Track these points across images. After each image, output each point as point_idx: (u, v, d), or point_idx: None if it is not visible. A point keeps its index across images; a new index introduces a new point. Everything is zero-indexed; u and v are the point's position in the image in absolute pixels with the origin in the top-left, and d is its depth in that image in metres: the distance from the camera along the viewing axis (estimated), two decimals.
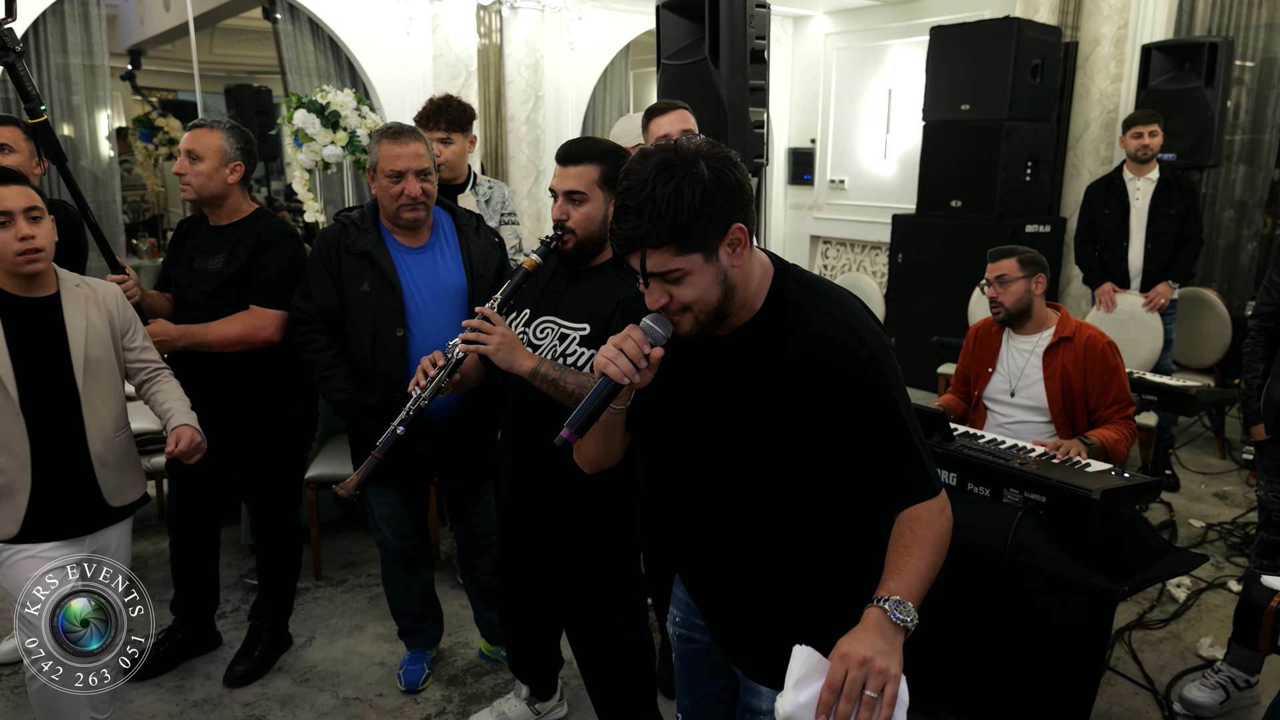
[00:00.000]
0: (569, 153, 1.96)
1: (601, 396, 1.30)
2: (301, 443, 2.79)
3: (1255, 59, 5.39)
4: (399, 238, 2.46)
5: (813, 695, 1.18)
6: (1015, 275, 2.84)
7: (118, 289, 2.25)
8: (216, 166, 2.50)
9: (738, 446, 1.39)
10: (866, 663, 1.15)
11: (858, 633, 1.21)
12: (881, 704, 1.14)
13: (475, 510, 2.68)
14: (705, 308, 1.28)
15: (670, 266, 1.24)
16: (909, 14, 6.68)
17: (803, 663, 1.23)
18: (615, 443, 1.50)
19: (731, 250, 1.27)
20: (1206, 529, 3.91)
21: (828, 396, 1.31)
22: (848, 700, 1.14)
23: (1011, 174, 5.16)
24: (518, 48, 6.09)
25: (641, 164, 1.23)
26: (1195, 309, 4.84)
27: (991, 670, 2.33)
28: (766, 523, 1.42)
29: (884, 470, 1.34)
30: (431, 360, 2.03)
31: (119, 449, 2.19)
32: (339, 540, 3.77)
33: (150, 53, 9.49)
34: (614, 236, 1.26)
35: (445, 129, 3.03)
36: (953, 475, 2.50)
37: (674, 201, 1.20)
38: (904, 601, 1.23)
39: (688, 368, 1.41)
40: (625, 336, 1.29)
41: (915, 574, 1.27)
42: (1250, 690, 2.65)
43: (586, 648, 2.23)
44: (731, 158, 1.27)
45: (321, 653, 2.95)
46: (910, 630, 1.23)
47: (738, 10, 3.44)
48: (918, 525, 1.32)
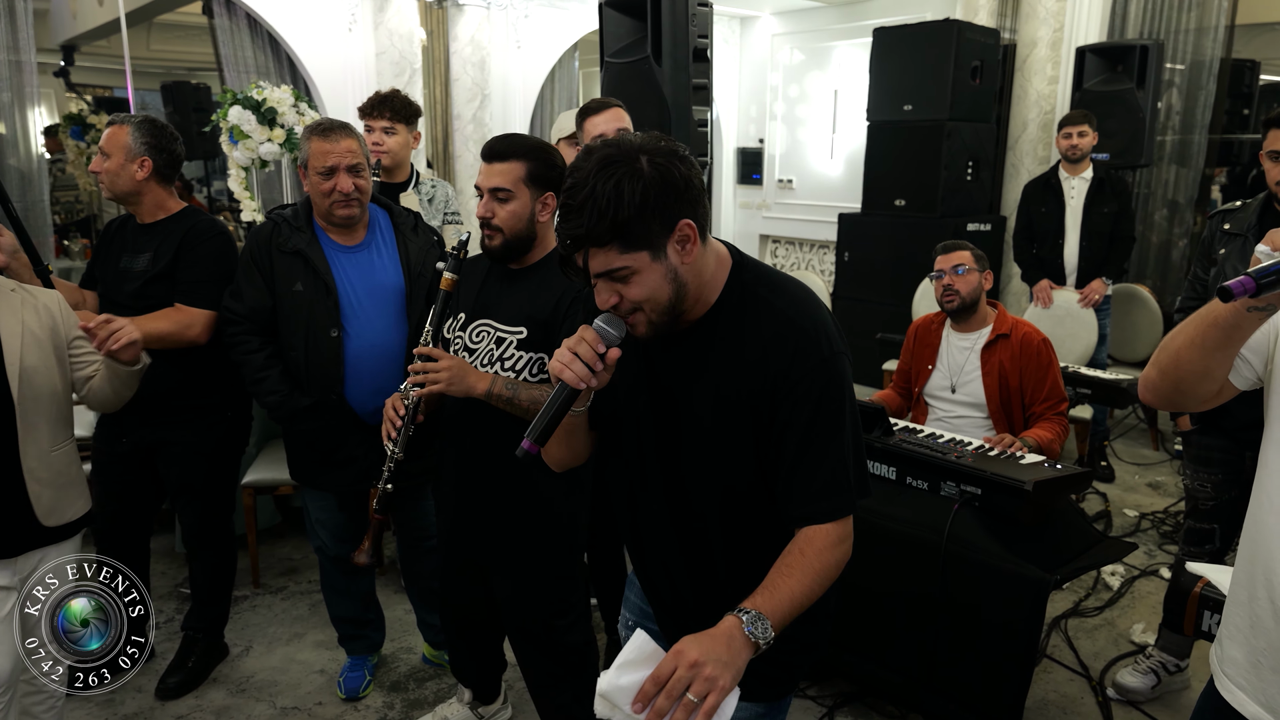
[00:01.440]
0: (494, 149, 1.94)
1: (560, 403, 1.27)
2: (233, 448, 2.71)
3: (1185, 61, 5.55)
4: (334, 236, 2.41)
5: (635, 681, 1.16)
6: (971, 265, 2.89)
7: (59, 295, 2.10)
8: (123, 163, 2.42)
9: (693, 442, 1.37)
10: (697, 666, 1.13)
11: (704, 636, 1.17)
12: (699, 711, 1.11)
13: (416, 513, 2.64)
14: (656, 307, 1.26)
15: (615, 265, 1.22)
16: (853, 15, 6.77)
17: (637, 648, 1.22)
18: (580, 443, 1.48)
19: (680, 247, 1.24)
20: (1140, 518, 4.02)
21: (773, 395, 1.29)
22: (668, 697, 1.12)
23: (953, 173, 5.25)
24: (463, 45, 6.02)
25: (584, 161, 1.22)
26: (1129, 304, 4.97)
27: (930, 661, 2.36)
28: (720, 521, 1.40)
29: (809, 479, 1.31)
30: (393, 406, 2.05)
31: (56, 464, 2.03)
32: (279, 547, 3.68)
33: (84, 49, 9.20)
34: (559, 235, 1.24)
35: (389, 118, 3.00)
36: (892, 469, 2.53)
37: (614, 199, 1.18)
38: (764, 619, 1.20)
39: (646, 363, 1.39)
40: (579, 339, 1.25)
41: (787, 597, 1.24)
42: (1181, 674, 2.73)
43: (529, 649, 2.21)
44: (678, 152, 1.25)
45: (259, 662, 2.88)
46: (761, 649, 1.19)
47: (679, 9, 3.44)
48: (809, 550, 1.29)
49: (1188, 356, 1.25)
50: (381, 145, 2.99)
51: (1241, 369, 1.28)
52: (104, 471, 2.63)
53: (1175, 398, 1.33)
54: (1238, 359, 1.27)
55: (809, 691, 2.68)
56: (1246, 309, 1.15)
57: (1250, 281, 1.05)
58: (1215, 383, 1.27)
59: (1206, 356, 1.23)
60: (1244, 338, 1.21)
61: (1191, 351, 1.24)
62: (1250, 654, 1.29)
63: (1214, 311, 1.20)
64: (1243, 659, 1.31)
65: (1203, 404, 1.32)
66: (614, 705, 1.19)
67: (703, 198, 1.27)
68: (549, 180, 1.97)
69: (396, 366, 2.43)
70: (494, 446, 2.03)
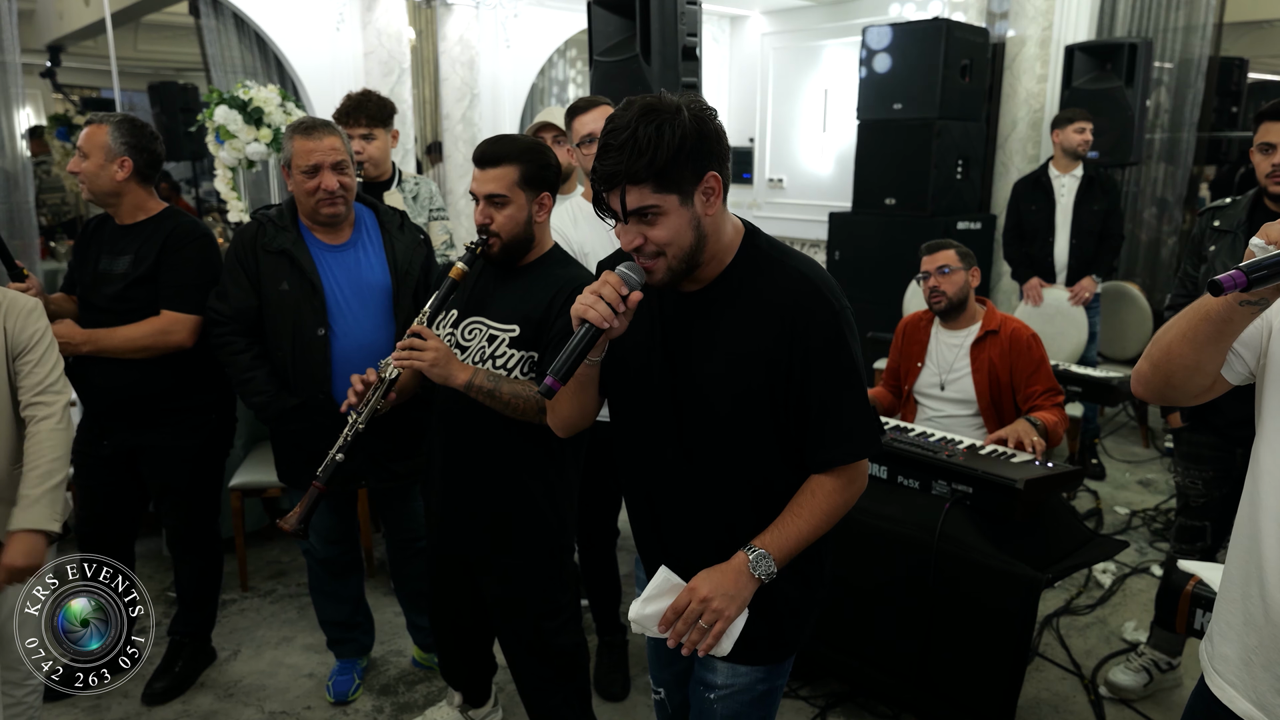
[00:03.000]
0: (486, 154, 1.91)
1: (584, 342, 1.33)
2: (218, 450, 2.68)
3: (1174, 60, 5.57)
4: (319, 235, 2.39)
5: (658, 610, 1.43)
6: (956, 265, 2.88)
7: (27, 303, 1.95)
8: (103, 163, 2.38)
9: (707, 400, 1.43)
10: (706, 600, 1.38)
11: (715, 571, 1.40)
12: (709, 634, 1.38)
13: (405, 514, 2.62)
14: (678, 252, 1.33)
15: (647, 203, 1.29)
16: (843, 14, 6.77)
17: (661, 582, 1.47)
18: (590, 400, 1.54)
19: (705, 199, 1.33)
20: (1131, 515, 4.02)
21: (789, 346, 1.37)
22: (685, 623, 1.39)
23: (943, 172, 5.25)
24: (452, 45, 6.00)
25: (626, 109, 1.30)
26: (1118, 302, 4.98)
27: (921, 661, 2.35)
28: (732, 481, 1.46)
29: (834, 424, 1.40)
30: (363, 380, 1.98)
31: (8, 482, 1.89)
32: (267, 549, 3.65)
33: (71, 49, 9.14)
34: (595, 175, 1.31)
35: (366, 124, 2.96)
36: (883, 469, 2.52)
37: (655, 140, 1.26)
38: (769, 556, 1.39)
39: (660, 327, 1.45)
40: (602, 283, 1.32)
41: (794, 535, 1.41)
42: (1173, 672, 2.72)
43: (518, 652, 2.19)
44: (711, 110, 1.33)
45: (247, 666, 2.86)
46: (764, 582, 1.40)
47: (668, 7, 3.41)
48: (818, 492, 1.43)
49: (1179, 350, 1.24)
50: (362, 153, 2.95)
51: (1234, 364, 1.27)
52: (87, 475, 2.60)
53: (1167, 392, 1.32)
54: (1230, 353, 1.26)
55: (801, 692, 2.67)
56: (1239, 303, 1.14)
57: (1241, 276, 1.04)
58: (1207, 377, 1.26)
59: (1198, 350, 1.22)
60: (1236, 332, 1.20)
61: (1183, 345, 1.23)
62: (1242, 651, 1.29)
63: (1206, 305, 1.19)
64: (1234, 656, 1.30)
65: (1195, 398, 1.31)
66: (644, 628, 1.46)
67: (728, 159, 1.37)
68: (544, 180, 1.95)
69: None
70: (482, 446, 2.01)
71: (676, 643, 1.40)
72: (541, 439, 1.91)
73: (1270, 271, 1.04)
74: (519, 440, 1.98)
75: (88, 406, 2.56)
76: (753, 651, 1.50)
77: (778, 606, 1.49)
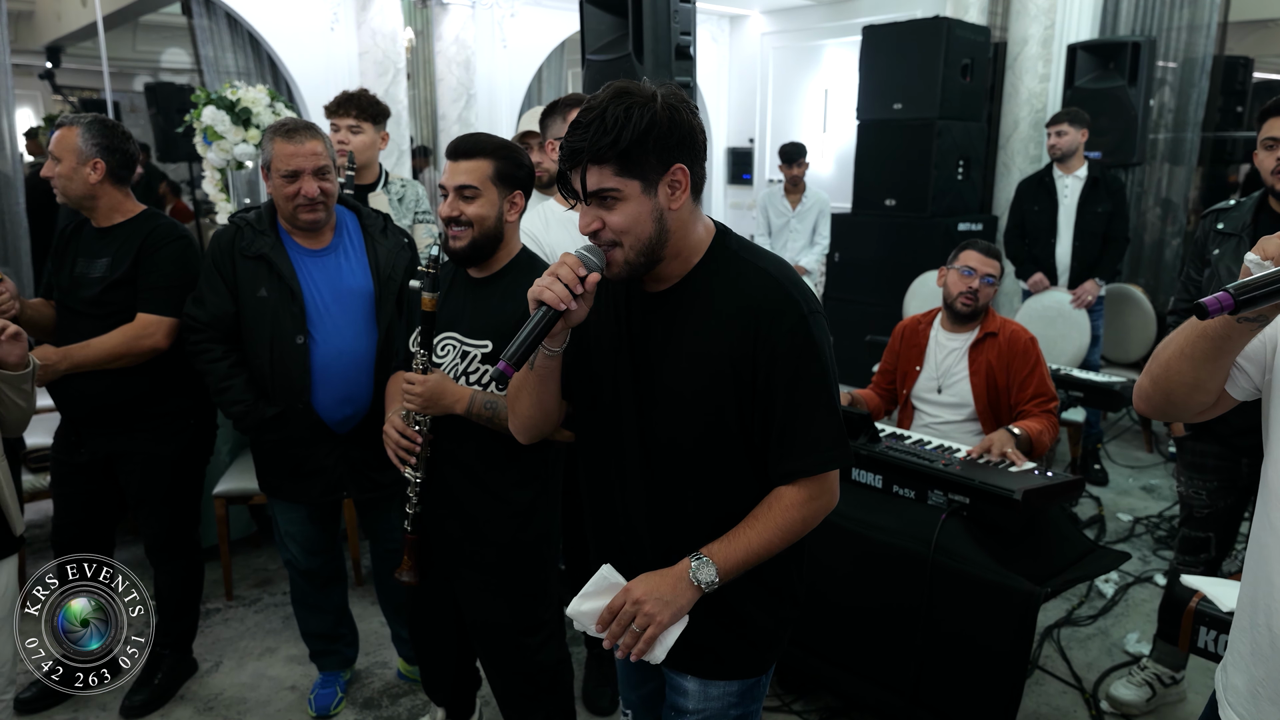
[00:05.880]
0: (459, 147, 1.87)
1: (540, 325, 1.29)
2: (197, 456, 2.62)
3: (1177, 59, 5.49)
4: (299, 239, 2.33)
5: (595, 608, 1.40)
6: (998, 278, 2.84)
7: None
8: (75, 166, 2.33)
9: (670, 401, 1.38)
10: (639, 603, 1.33)
11: (654, 575, 1.36)
12: (641, 639, 1.34)
13: (388, 524, 2.56)
14: (635, 243, 1.29)
15: (608, 185, 1.26)
16: (843, 14, 6.70)
17: (600, 580, 1.43)
18: (550, 398, 1.47)
19: (670, 191, 1.29)
20: (1134, 522, 3.94)
21: (754, 352, 1.32)
22: (619, 625, 1.35)
23: (944, 172, 5.19)
24: (448, 45, 5.95)
25: (603, 91, 1.28)
26: (1121, 305, 4.91)
27: (918, 675, 2.28)
28: (694, 483, 1.41)
29: (805, 430, 1.34)
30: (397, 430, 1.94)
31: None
32: (254, 557, 3.60)
33: (70, 50, 9.12)
34: (562, 151, 1.28)
35: (356, 116, 2.93)
36: (878, 478, 2.46)
37: (622, 121, 1.23)
38: (711, 564, 1.34)
39: (626, 328, 1.41)
40: (560, 264, 1.29)
41: (743, 547, 1.35)
42: (1176, 687, 2.65)
43: (500, 667, 2.13)
44: (689, 104, 1.30)
45: (228, 678, 2.80)
46: (704, 591, 1.34)
47: (660, 6, 3.36)
48: (778, 505, 1.37)
49: (1178, 368, 1.17)
50: (347, 144, 2.92)
51: (1239, 379, 1.21)
52: (64, 483, 2.54)
53: (1169, 409, 1.25)
54: (1234, 368, 1.19)
55: (794, 706, 2.60)
56: (1237, 319, 1.07)
57: (1228, 298, 0.96)
58: (1208, 395, 1.19)
59: (1196, 368, 1.15)
60: (1236, 349, 1.13)
61: (1181, 363, 1.17)
62: (1250, 683, 1.22)
63: (1202, 323, 1.12)
64: (1243, 687, 1.23)
65: (1199, 415, 1.24)
66: (583, 625, 1.43)
67: (702, 155, 1.32)
68: (516, 179, 1.90)
69: (365, 373, 2.35)
70: (464, 458, 1.96)
71: (612, 644, 1.36)
72: (523, 451, 1.85)
73: (1260, 293, 0.96)
74: (501, 452, 1.93)
75: (64, 413, 2.50)
76: (721, 666, 1.47)
77: (744, 624, 1.45)
